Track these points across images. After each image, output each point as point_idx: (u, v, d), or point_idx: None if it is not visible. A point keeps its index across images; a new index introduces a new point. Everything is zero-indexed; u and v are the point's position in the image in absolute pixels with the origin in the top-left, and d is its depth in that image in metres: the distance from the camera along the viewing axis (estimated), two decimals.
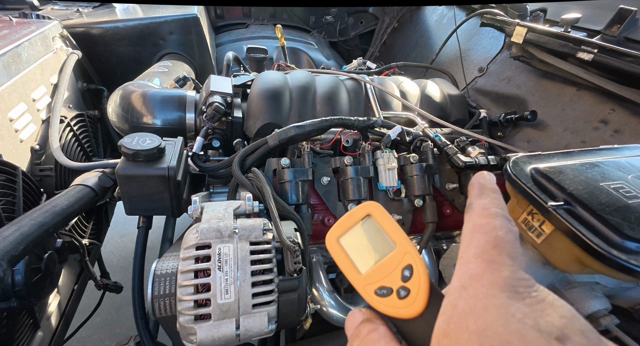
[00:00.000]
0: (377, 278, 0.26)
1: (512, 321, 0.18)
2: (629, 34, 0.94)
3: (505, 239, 0.22)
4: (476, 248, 0.22)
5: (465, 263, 0.22)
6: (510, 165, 0.50)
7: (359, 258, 0.27)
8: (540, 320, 0.18)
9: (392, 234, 0.27)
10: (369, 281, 0.26)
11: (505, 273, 0.20)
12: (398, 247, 0.27)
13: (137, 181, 0.69)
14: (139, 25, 1.46)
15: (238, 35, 2.24)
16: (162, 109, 1.01)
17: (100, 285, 1.16)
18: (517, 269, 0.21)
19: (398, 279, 0.25)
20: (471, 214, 0.24)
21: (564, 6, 1.21)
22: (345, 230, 0.29)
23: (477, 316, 0.19)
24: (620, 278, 0.38)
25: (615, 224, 0.39)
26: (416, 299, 0.24)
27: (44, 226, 0.65)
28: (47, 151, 1.00)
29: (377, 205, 0.29)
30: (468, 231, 0.23)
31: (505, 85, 1.25)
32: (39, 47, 1.06)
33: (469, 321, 0.19)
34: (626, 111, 0.88)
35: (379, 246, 0.27)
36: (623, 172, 0.46)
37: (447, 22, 1.82)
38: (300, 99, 1.06)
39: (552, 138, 1.02)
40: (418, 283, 0.25)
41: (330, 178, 0.87)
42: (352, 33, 2.56)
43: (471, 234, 0.23)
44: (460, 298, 0.20)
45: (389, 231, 0.27)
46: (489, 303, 0.19)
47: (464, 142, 0.96)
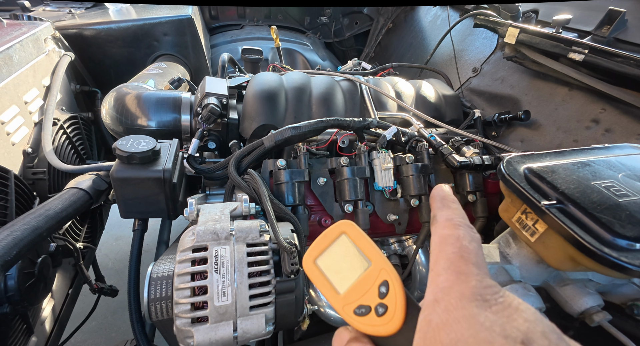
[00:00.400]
0: (355, 297, 0.26)
1: (481, 331, 0.19)
2: (619, 35, 0.96)
3: (469, 249, 0.23)
4: (444, 260, 0.23)
5: (436, 276, 0.23)
6: (504, 165, 0.50)
7: (336, 278, 0.28)
8: (506, 326, 0.19)
9: (366, 252, 0.28)
10: (348, 301, 0.27)
11: (473, 283, 0.21)
12: (373, 264, 0.27)
13: (132, 184, 0.69)
14: (132, 27, 1.45)
15: (233, 36, 2.23)
16: (157, 111, 1.01)
17: (95, 289, 1.15)
18: (483, 277, 0.22)
19: (375, 297, 0.26)
20: (437, 226, 0.26)
21: (555, 7, 1.22)
22: (321, 251, 0.29)
23: (449, 329, 0.20)
24: (613, 275, 0.39)
25: (606, 222, 0.39)
26: (394, 315, 0.25)
27: (38, 231, 0.65)
28: (39, 154, 0.99)
29: (351, 223, 0.29)
30: (436, 243, 0.25)
31: (499, 85, 1.26)
32: (30, 49, 1.05)
33: (442, 335, 0.20)
34: (617, 110, 0.89)
35: (355, 265, 0.28)
36: (613, 171, 0.47)
37: (441, 23, 1.83)
38: (296, 100, 1.06)
39: (545, 137, 1.03)
40: (395, 298, 0.25)
41: (326, 179, 0.87)
42: (347, 34, 2.57)
43: (439, 246, 0.24)
44: (434, 312, 0.21)
45: (363, 248, 0.28)
46: (460, 315, 0.20)
47: (458, 142, 0.97)
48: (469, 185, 0.90)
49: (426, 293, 0.23)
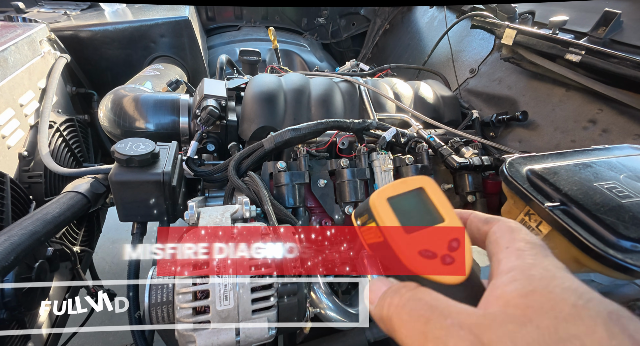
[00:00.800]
0: (423, 241, 0.25)
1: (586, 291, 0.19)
2: (615, 36, 0.97)
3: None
4: (523, 243, 0.23)
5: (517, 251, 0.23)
6: (507, 167, 0.50)
7: (405, 220, 0.26)
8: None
9: (442, 209, 0.27)
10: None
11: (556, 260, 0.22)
12: (447, 221, 0.26)
13: (131, 187, 0.68)
14: (129, 28, 1.44)
15: (230, 37, 2.23)
16: (155, 113, 1.00)
17: (92, 293, 1.13)
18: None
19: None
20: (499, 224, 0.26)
21: (551, 9, 1.23)
22: (395, 193, 0.27)
23: (560, 280, 0.20)
24: (617, 277, 0.39)
25: (610, 223, 0.40)
26: (461, 267, 0.24)
27: (35, 235, 0.64)
28: (36, 157, 0.97)
29: (431, 180, 0.28)
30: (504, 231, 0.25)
31: (497, 86, 1.27)
32: (26, 51, 1.04)
33: (553, 284, 0.20)
34: (613, 110, 0.90)
35: (428, 217, 0.26)
36: (615, 172, 0.47)
37: (438, 24, 1.84)
38: (295, 102, 1.06)
39: (543, 138, 1.04)
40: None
41: (326, 181, 0.87)
42: (345, 35, 2.57)
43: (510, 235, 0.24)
44: (533, 269, 0.21)
45: (439, 205, 0.27)
46: (562, 274, 0.21)
47: (457, 143, 0.97)
48: (469, 186, 0.90)
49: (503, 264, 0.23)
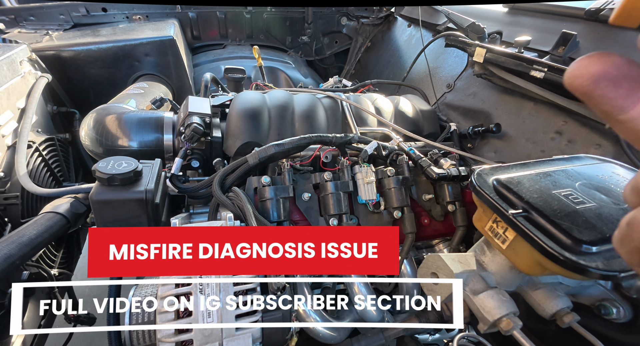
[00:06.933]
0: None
1: None
2: (573, 55, 1.05)
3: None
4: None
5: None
6: (475, 177, 0.54)
7: None
8: None
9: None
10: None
11: None
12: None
13: (112, 206, 0.68)
14: (113, 48, 1.45)
15: (215, 55, 2.26)
16: (139, 131, 1.00)
17: (70, 318, 1.09)
18: None
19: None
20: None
21: (516, 29, 1.33)
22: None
23: None
24: (575, 278, 0.42)
25: (566, 228, 0.43)
26: None
27: (10, 259, 0.62)
28: (12, 178, 0.95)
29: None
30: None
31: (472, 100, 1.34)
32: (5, 72, 1.03)
33: None
34: (576, 122, 0.97)
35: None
36: (571, 180, 0.51)
37: (416, 42, 1.94)
38: (279, 118, 1.09)
39: (515, 148, 1.09)
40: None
41: (311, 194, 0.88)
42: (328, 52, 2.67)
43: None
44: None
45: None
46: None
47: (436, 154, 1.02)
48: (448, 195, 0.94)
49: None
